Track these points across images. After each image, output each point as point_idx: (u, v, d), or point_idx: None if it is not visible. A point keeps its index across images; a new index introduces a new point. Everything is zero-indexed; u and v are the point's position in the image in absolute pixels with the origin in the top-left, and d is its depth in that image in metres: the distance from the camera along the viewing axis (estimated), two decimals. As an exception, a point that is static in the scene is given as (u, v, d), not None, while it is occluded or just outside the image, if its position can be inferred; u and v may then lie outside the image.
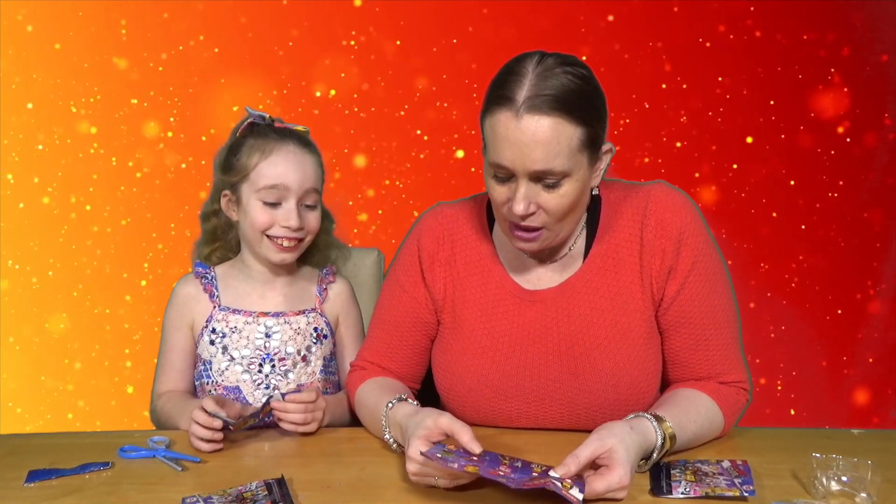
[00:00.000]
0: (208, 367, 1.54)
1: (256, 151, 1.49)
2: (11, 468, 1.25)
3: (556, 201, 1.24)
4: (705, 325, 1.33)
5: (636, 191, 1.37)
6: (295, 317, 1.57)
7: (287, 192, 1.48)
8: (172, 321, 1.58)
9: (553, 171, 1.21)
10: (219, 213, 1.58)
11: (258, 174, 1.48)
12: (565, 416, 1.36)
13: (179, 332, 1.57)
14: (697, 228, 1.34)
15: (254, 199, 1.49)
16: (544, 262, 1.39)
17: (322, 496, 1.16)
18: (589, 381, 1.33)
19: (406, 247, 1.48)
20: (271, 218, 1.49)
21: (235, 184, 1.51)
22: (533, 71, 1.21)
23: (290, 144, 1.50)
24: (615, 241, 1.35)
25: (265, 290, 1.58)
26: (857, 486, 1.12)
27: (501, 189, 1.27)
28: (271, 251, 1.51)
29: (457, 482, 1.14)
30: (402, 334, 1.45)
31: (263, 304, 1.57)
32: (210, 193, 1.60)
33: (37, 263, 2.82)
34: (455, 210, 1.47)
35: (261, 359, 1.53)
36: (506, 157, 1.22)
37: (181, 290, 1.59)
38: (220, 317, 1.55)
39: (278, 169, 1.48)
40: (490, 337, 1.38)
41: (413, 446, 1.14)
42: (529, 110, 1.19)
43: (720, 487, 1.13)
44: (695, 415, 1.28)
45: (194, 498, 1.13)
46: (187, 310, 1.57)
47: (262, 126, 1.54)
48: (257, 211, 1.49)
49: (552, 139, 1.20)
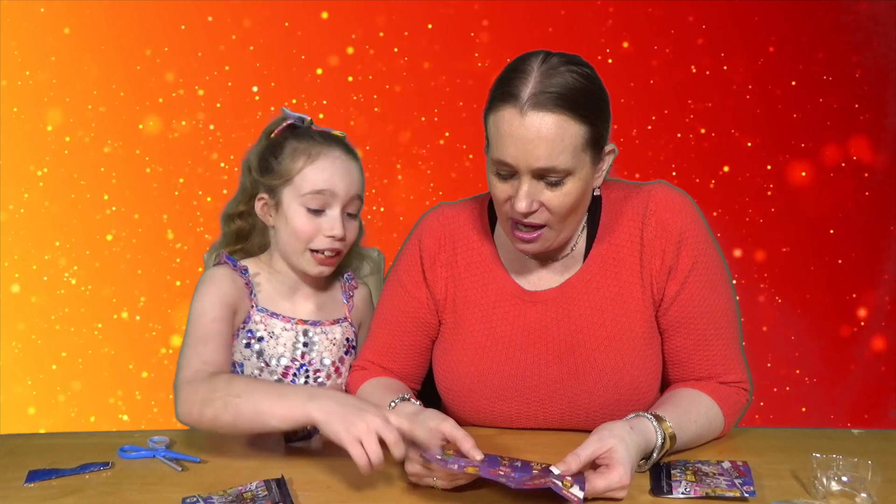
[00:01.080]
0: (239, 371, 1.45)
1: (301, 155, 1.44)
2: (11, 468, 1.25)
3: (558, 199, 1.24)
4: (705, 325, 1.33)
5: (637, 191, 1.37)
6: (331, 326, 1.51)
7: (333, 199, 1.44)
8: (218, 295, 1.42)
9: (556, 168, 1.21)
10: (244, 214, 1.52)
11: (303, 179, 1.43)
12: (566, 417, 1.36)
13: (224, 307, 1.42)
14: (698, 228, 1.34)
15: (296, 204, 1.44)
16: (546, 263, 1.39)
17: (322, 496, 1.16)
18: (589, 382, 1.33)
19: (407, 247, 1.48)
20: (315, 227, 1.44)
21: (275, 187, 1.46)
22: (538, 69, 1.22)
23: (336, 150, 1.46)
24: (615, 242, 1.35)
25: (295, 296, 1.52)
26: (857, 487, 1.12)
27: (504, 187, 1.27)
28: (311, 264, 1.47)
29: (455, 483, 1.14)
30: (403, 334, 1.45)
31: (296, 311, 1.50)
32: (236, 194, 1.54)
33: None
34: (457, 210, 1.46)
35: (296, 368, 1.47)
36: (509, 153, 1.22)
37: (224, 274, 1.46)
38: (259, 318, 1.47)
39: (325, 174, 1.43)
40: (490, 338, 1.38)
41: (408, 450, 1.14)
42: (534, 107, 1.19)
43: (720, 488, 1.13)
44: (695, 415, 1.28)
45: (194, 498, 1.13)
46: (235, 291, 1.45)
47: (302, 129, 1.49)
48: (301, 218, 1.44)
49: (556, 136, 1.20)
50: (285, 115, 1.51)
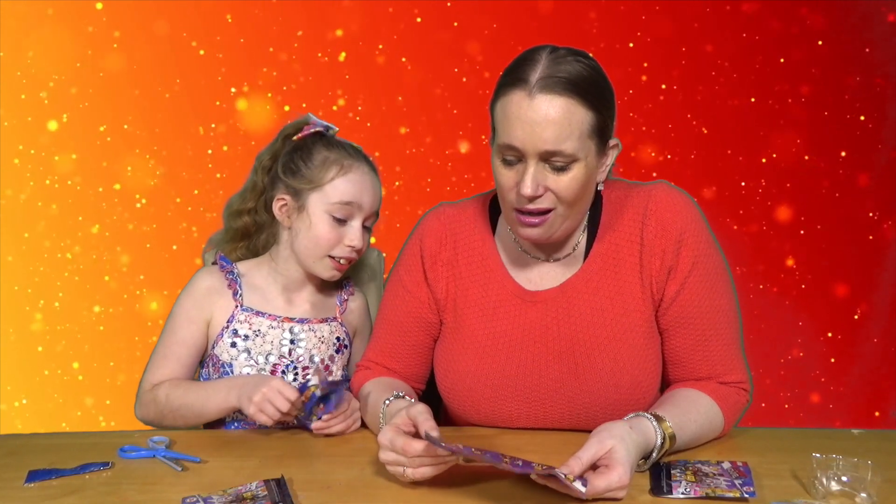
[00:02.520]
0: (229, 371, 1.48)
1: (334, 165, 1.47)
2: (11, 468, 1.25)
3: (564, 183, 1.25)
4: (705, 325, 1.33)
5: (637, 190, 1.37)
6: (319, 324, 1.54)
7: (358, 211, 1.48)
8: (188, 312, 1.51)
9: (563, 152, 1.22)
10: (252, 212, 1.55)
11: (334, 188, 1.47)
12: (566, 416, 1.36)
13: (193, 326, 1.50)
14: (698, 228, 1.34)
15: (322, 211, 1.47)
16: (546, 262, 1.39)
17: (322, 496, 1.16)
18: (589, 381, 1.33)
19: (409, 247, 1.48)
20: (338, 236, 1.48)
21: (301, 191, 1.48)
22: (546, 57, 1.24)
23: (365, 165, 1.51)
24: (616, 241, 1.36)
25: (293, 295, 1.55)
26: (857, 487, 1.12)
27: (509, 173, 1.27)
28: (326, 269, 1.50)
29: (424, 476, 1.14)
30: (405, 334, 1.46)
31: (289, 310, 1.53)
32: (244, 190, 1.56)
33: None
34: (458, 210, 1.47)
35: (284, 366, 1.49)
36: (517, 136, 1.23)
37: (203, 282, 1.53)
38: (243, 318, 1.50)
39: (355, 188, 1.48)
40: (491, 337, 1.38)
41: (383, 433, 1.15)
42: (543, 90, 1.21)
43: (720, 488, 1.13)
44: (695, 415, 1.28)
45: (194, 498, 1.13)
46: (207, 303, 1.51)
47: (330, 138, 1.52)
48: (325, 226, 1.47)
49: (564, 119, 1.21)
50: (308, 120, 1.53)
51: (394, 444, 1.14)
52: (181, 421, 1.46)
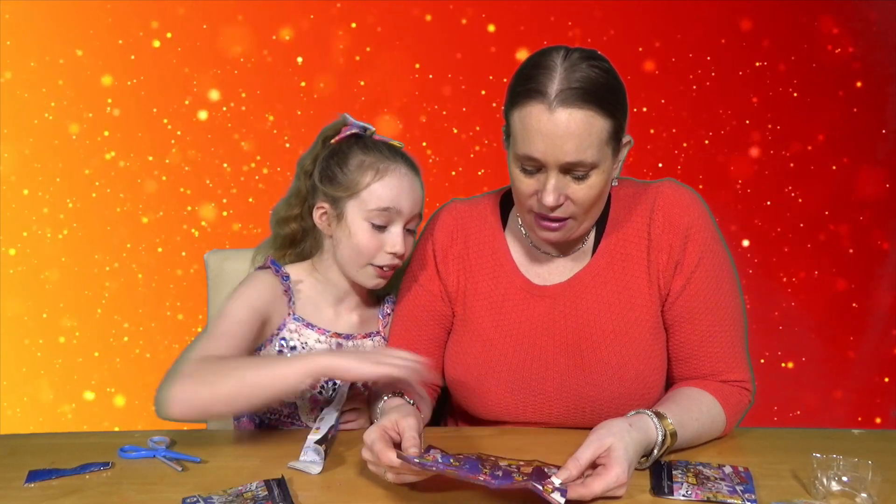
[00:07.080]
0: None
1: (369, 169, 1.40)
2: (11, 468, 1.25)
3: (584, 192, 1.26)
4: (709, 320, 1.34)
5: (645, 188, 1.39)
6: (362, 340, 1.50)
7: (398, 217, 1.41)
8: (251, 300, 1.41)
9: (584, 162, 1.23)
10: (298, 218, 1.49)
11: (371, 194, 1.40)
12: (572, 410, 1.37)
13: (255, 315, 1.40)
14: (704, 225, 1.35)
15: (360, 219, 1.41)
16: (557, 255, 1.40)
17: (322, 496, 1.16)
18: (596, 375, 1.34)
19: (421, 243, 1.50)
20: (379, 243, 1.41)
21: (339, 199, 1.42)
22: (561, 64, 1.23)
23: (402, 166, 1.43)
24: (623, 237, 1.37)
25: (340, 307, 1.50)
26: (857, 487, 1.12)
27: (529, 181, 1.28)
28: (370, 277, 1.44)
29: (403, 482, 1.13)
30: (420, 329, 1.46)
31: (336, 323, 1.48)
32: (289, 196, 1.50)
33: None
34: (469, 206, 1.49)
35: (325, 380, 1.45)
36: (537, 149, 1.23)
37: (266, 279, 1.45)
38: (294, 327, 1.45)
39: (393, 192, 1.40)
40: (498, 331, 1.39)
41: (368, 432, 1.15)
42: (563, 103, 1.21)
43: (722, 493, 1.13)
44: (697, 413, 1.28)
45: (194, 498, 1.13)
46: (270, 300, 1.43)
47: (367, 139, 1.46)
48: (366, 235, 1.41)
49: (584, 132, 1.21)
50: (346, 122, 1.47)
51: (373, 448, 1.14)
52: (225, 391, 1.25)
